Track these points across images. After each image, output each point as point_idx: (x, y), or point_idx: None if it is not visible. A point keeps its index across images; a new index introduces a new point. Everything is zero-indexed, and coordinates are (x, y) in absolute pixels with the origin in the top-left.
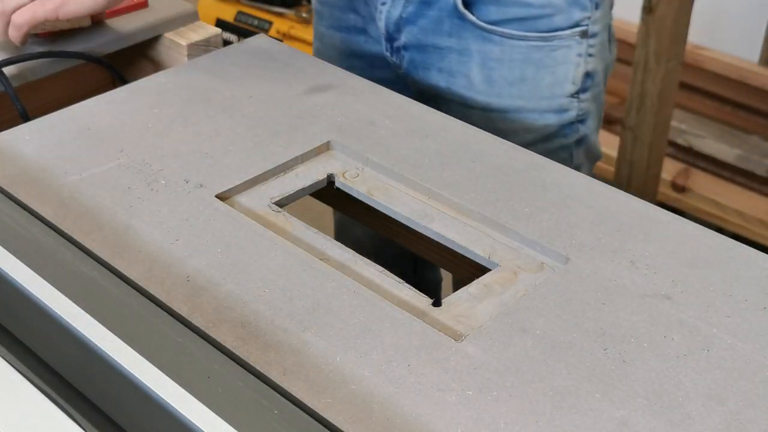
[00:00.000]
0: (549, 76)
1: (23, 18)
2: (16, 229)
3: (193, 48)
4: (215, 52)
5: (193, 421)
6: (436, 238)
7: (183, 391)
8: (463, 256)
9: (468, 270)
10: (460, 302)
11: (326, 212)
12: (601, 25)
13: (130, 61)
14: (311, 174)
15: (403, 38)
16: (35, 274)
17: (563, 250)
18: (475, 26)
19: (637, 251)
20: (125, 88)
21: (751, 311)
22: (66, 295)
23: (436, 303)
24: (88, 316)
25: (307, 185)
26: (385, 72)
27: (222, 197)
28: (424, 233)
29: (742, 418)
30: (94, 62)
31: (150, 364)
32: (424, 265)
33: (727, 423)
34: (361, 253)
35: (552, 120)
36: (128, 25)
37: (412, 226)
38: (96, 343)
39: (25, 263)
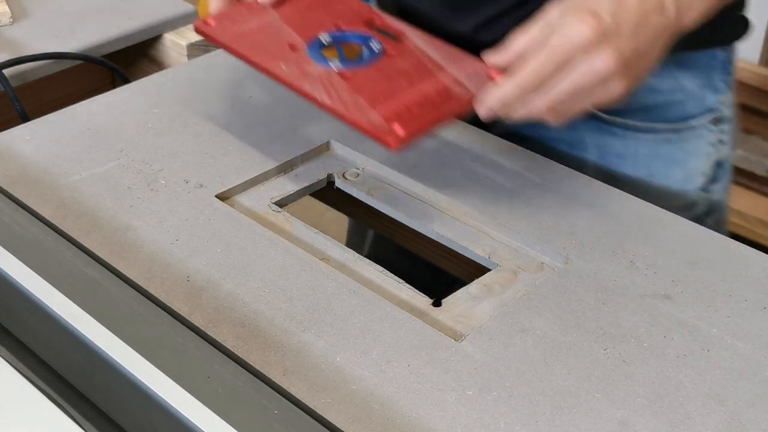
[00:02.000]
0: (680, 172)
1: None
2: (16, 229)
3: (193, 48)
4: (215, 52)
5: (193, 421)
6: (436, 238)
7: (183, 391)
8: (463, 256)
9: (468, 270)
10: (460, 302)
11: (326, 212)
12: (732, 108)
13: (130, 61)
14: (311, 174)
15: (499, 128)
16: (35, 274)
17: (563, 250)
18: (591, 116)
19: (637, 251)
20: (125, 88)
21: (751, 311)
22: (66, 295)
23: (437, 303)
24: (88, 316)
25: (307, 185)
26: None
27: (222, 197)
28: (424, 233)
29: (742, 418)
30: (96, 63)
31: (150, 364)
32: None
33: (727, 423)
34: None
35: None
36: (128, 25)
37: (412, 226)
38: (96, 343)
39: (25, 263)
